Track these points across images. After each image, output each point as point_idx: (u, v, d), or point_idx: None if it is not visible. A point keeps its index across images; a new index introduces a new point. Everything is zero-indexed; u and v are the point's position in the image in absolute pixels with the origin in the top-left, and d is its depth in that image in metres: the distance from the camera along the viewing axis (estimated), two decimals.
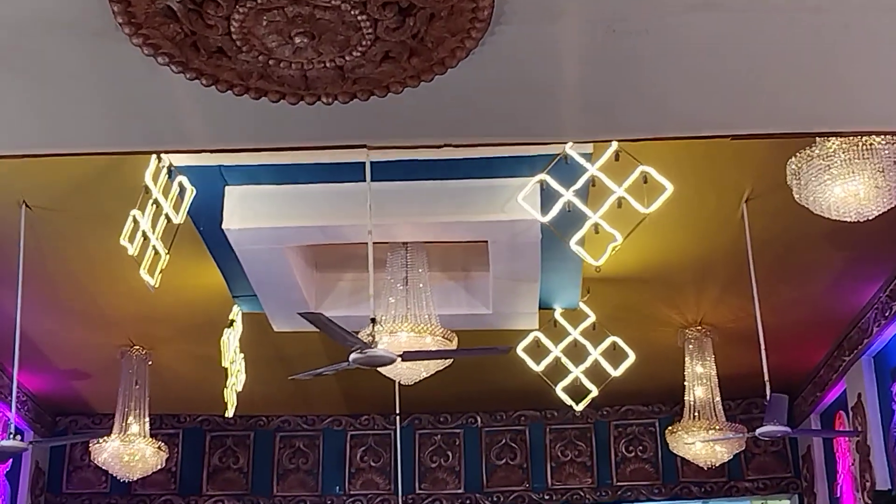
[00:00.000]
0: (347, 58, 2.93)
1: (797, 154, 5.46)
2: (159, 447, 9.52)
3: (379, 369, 7.46)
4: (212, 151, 3.42)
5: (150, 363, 9.86)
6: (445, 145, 3.48)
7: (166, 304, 9.12)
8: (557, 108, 3.30)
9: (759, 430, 7.47)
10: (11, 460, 10.78)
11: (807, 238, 8.21)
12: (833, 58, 3.23)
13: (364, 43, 2.88)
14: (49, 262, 8.27)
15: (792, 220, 7.93)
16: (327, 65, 2.95)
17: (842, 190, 5.30)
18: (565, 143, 3.44)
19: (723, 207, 7.70)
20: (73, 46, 2.90)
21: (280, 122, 3.35)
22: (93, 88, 3.12)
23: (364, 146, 3.45)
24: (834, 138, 5.23)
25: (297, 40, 2.83)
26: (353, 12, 2.75)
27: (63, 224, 7.68)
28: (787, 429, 7.43)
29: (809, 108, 3.40)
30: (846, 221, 7.65)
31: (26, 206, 7.35)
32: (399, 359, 5.90)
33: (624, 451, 11.87)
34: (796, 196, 5.60)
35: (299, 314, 5.36)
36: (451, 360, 7.58)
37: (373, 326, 5.59)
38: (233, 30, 2.82)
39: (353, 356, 5.60)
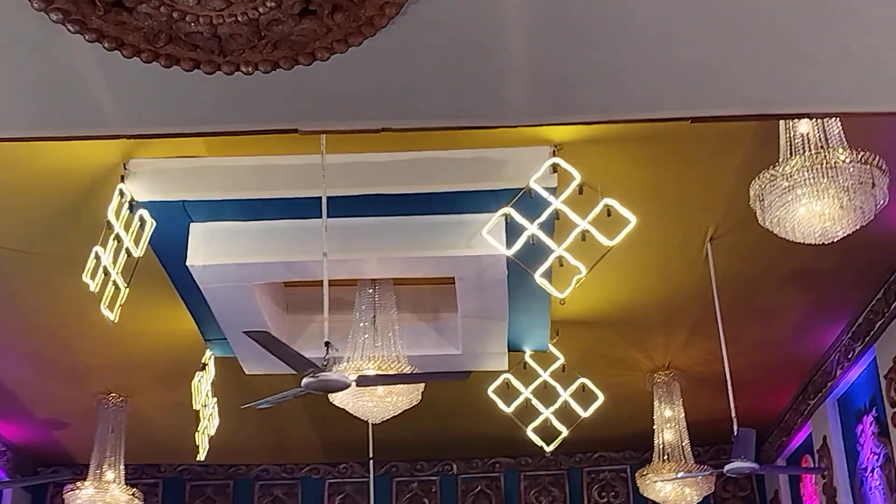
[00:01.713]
0: (261, 9, 2.41)
1: (760, 175, 4.96)
2: (133, 494, 8.83)
3: (347, 408, 6.88)
4: (129, 137, 2.88)
5: (126, 410, 9.20)
6: (384, 129, 2.95)
7: (142, 350, 8.53)
8: (503, 84, 2.79)
9: (727, 467, 6.85)
10: None
11: (771, 278, 7.70)
12: (800, 31, 2.74)
13: None
14: (20, 307, 7.69)
15: (756, 260, 7.44)
16: (239, 18, 2.43)
17: (806, 210, 4.78)
18: (515, 125, 2.92)
19: (688, 246, 7.20)
20: None
21: (199, 101, 2.83)
22: None
23: (295, 130, 2.94)
24: (797, 157, 4.74)
25: None
26: None
27: (32, 266, 7.11)
28: (755, 465, 6.81)
29: (775, 86, 2.89)
30: (809, 260, 7.20)
31: None
32: (353, 383, 5.32)
33: (597, 497, 11.20)
34: (760, 219, 5.09)
35: (244, 332, 4.78)
36: (420, 398, 6.97)
37: (327, 350, 5.02)
38: None
39: (305, 381, 5.02)
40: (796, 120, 4.78)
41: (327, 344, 4.99)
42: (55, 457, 10.53)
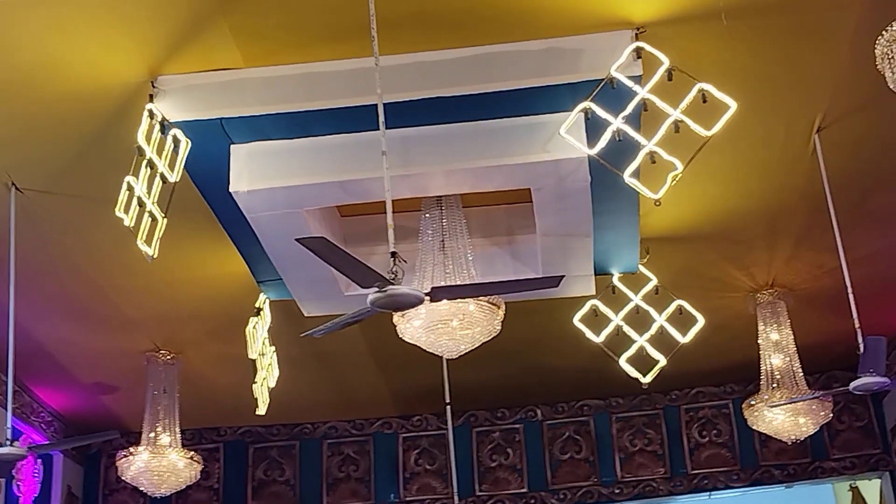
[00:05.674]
0: None
1: (886, 30, 4.48)
2: (192, 458, 8.63)
3: (419, 344, 6.56)
4: None
5: (178, 368, 8.99)
6: None
7: (190, 299, 8.28)
8: None
9: (853, 383, 6.40)
10: (40, 487, 9.96)
11: (889, 174, 7.20)
12: None
13: None
14: (52, 257, 7.45)
15: (872, 154, 6.96)
16: None
17: None
18: None
19: (791, 139, 6.72)
20: None
21: None
22: None
23: None
24: None
25: None
26: None
27: (62, 209, 6.84)
28: (886, 380, 6.36)
29: None
30: None
31: (16, 188, 6.51)
32: (427, 298, 4.97)
33: (697, 436, 10.81)
34: (890, 82, 4.62)
35: (297, 240, 4.42)
36: (500, 329, 6.63)
37: (393, 262, 4.67)
38: None
39: (371, 297, 4.67)
40: None
41: (393, 255, 4.64)
42: (106, 425, 10.31)
